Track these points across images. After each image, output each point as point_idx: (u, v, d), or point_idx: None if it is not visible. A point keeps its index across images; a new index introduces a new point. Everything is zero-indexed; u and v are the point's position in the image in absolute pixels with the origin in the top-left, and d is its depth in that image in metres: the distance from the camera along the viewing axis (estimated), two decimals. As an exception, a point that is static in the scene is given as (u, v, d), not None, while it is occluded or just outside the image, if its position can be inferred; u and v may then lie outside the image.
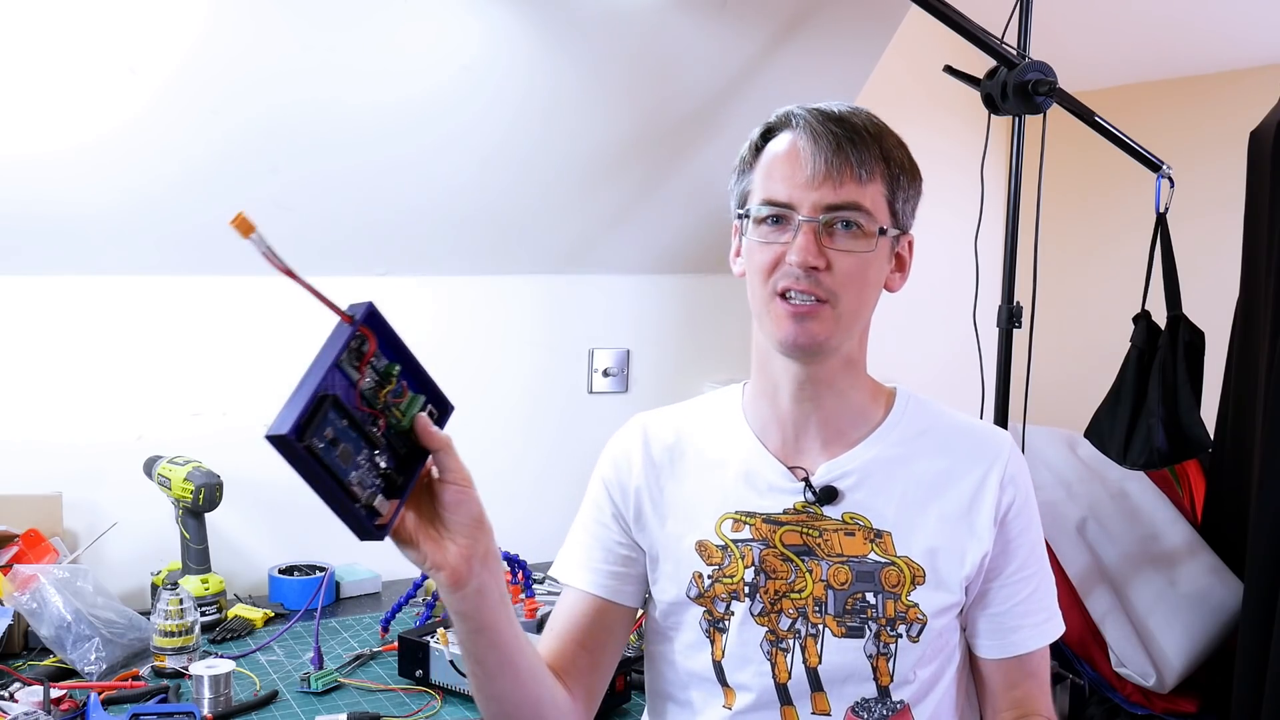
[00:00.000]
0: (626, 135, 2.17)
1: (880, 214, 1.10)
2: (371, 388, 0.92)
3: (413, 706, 1.59)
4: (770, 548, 1.15)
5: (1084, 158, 2.68)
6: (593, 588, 1.20)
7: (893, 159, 1.11)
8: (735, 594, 1.15)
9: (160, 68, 1.69)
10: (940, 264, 2.97)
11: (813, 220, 1.08)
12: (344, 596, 2.08)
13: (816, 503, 1.15)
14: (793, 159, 1.10)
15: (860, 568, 1.13)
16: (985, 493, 1.15)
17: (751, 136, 1.16)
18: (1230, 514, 2.25)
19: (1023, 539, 1.16)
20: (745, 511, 1.17)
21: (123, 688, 1.58)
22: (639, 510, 1.20)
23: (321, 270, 2.07)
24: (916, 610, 1.12)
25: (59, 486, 1.93)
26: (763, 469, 1.17)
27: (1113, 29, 2.77)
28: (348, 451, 0.89)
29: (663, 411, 1.27)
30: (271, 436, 0.85)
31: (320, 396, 0.87)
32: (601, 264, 2.42)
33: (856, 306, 1.11)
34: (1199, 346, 2.08)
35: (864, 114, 1.13)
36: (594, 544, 1.22)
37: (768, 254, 1.10)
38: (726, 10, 2.03)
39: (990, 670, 1.18)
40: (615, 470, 1.23)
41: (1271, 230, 1.99)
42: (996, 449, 1.17)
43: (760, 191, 1.12)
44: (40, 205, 1.78)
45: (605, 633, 1.20)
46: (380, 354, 0.92)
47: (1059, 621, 1.20)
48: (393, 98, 1.89)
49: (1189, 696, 2.18)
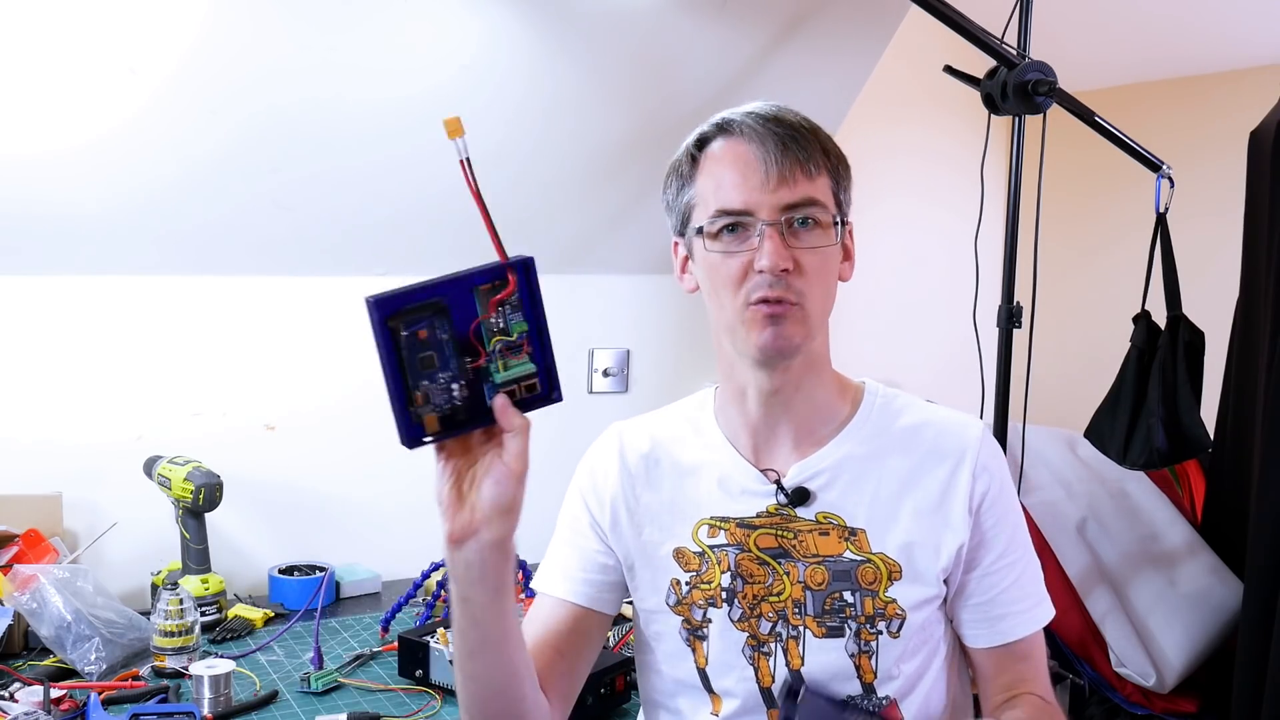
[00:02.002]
0: (626, 135, 2.17)
1: (831, 206, 1.10)
2: (491, 330, 0.92)
3: (413, 706, 1.59)
4: (745, 552, 1.15)
5: (1084, 158, 2.68)
6: (570, 595, 1.20)
7: (830, 151, 1.11)
8: (712, 600, 1.15)
9: (160, 68, 1.69)
10: (940, 264, 2.98)
11: (775, 223, 1.06)
12: (344, 596, 2.08)
13: (789, 504, 1.15)
14: (740, 164, 1.08)
15: (836, 567, 1.13)
16: (957, 483, 1.14)
17: (685, 146, 1.14)
18: (1230, 514, 2.25)
19: (1001, 527, 1.15)
20: (720, 517, 1.16)
21: (123, 688, 1.58)
22: (615, 519, 1.20)
23: (321, 270, 2.09)
24: (895, 606, 1.12)
25: (59, 486, 1.93)
26: (735, 473, 1.17)
27: (1113, 29, 2.77)
28: (430, 360, 0.89)
29: (638, 420, 1.26)
30: (367, 299, 0.87)
31: (429, 294, 0.88)
32: (601, 264, 2.42)
33: (823, 303, 1.11)
34: (1199, 346, 2.08)
35: (791, 110, 1.12)
36: (571, 553, 1.22)
37: (732, 266, 1.08)
38: (726, 10, 2.03)
39: (982, 658, 1.18)
40: (592, 481, 1.23)
41: (1271, 230, 1.99)
42: (967, 439, 1.16)
43: (711, 202, 1.10)
44: (40, 205, 1.78)
45: (582, 639, 1.20)
46: (516, 306, 0.92)
47: (1048, 606, 1.19)
48: (393, 97, 1.89)
49: (1189, 696, 2.18)
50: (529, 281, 0.93)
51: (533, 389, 0.94)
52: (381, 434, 2.16)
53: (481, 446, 0.94)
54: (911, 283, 3.05)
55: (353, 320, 2.11)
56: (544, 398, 0.95)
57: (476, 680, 1.04)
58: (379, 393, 0.89)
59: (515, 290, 0.92)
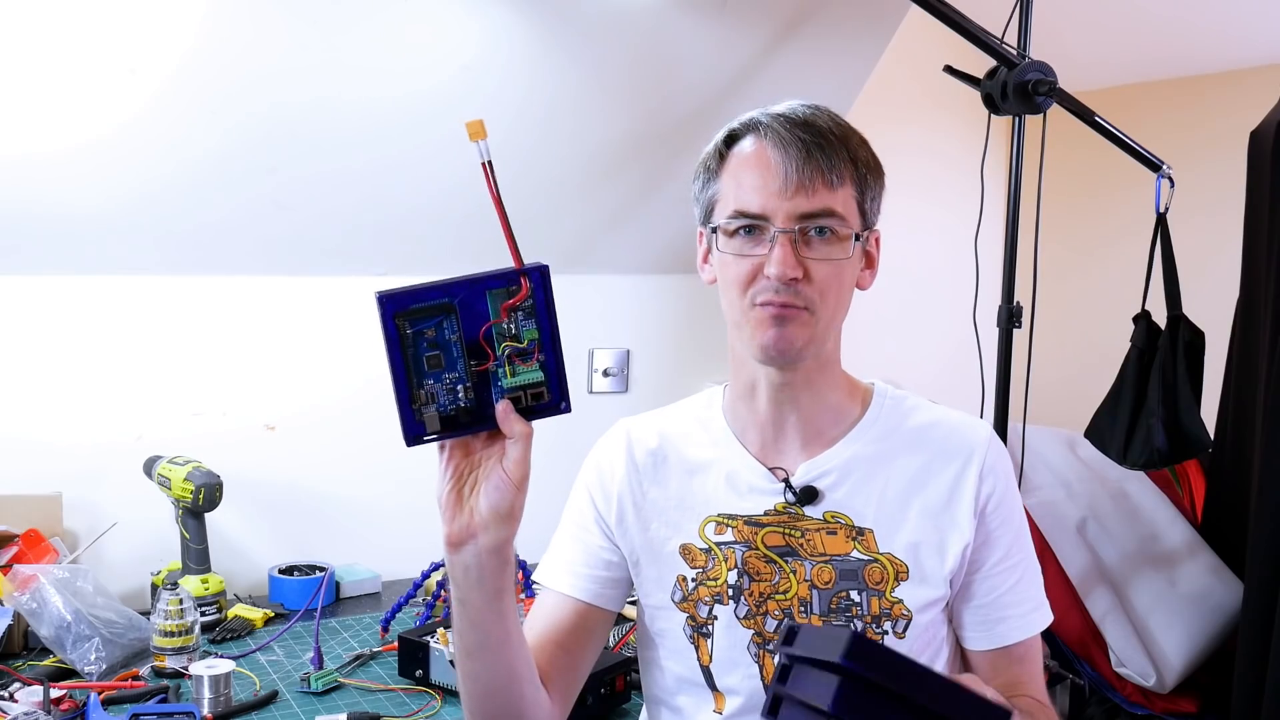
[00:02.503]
0: (626, 135, 2.17)
1: (852, 217, 1.10)
2: (502, 334, 0.92)
3: (413, 706, 1.59)
4: (752, 549, 1.15)
5: (1084, 158, 2.68)
6: (574, 591, 1.20)
7: (859, 159, 1.11)
8: (719, 597, 1.15)
9: (160, 68, 1.69)
10: (940, 264, 2.98)
11: (789, 231, 1.06)
12: (344, 596, 2.08)
13: (797, 503, 1.15)
14: (762, 167, 1.08)
15: (843, 566, 1.13)
16: (964, 485, 1.14)
17: (715, 141, 1.14)
18: (1230, 514, 2.25)
19: (1004, 529, 1.16)
20: (727, 514, 1.17)
21: (123, 688, 1.58)
22: (621, 515, 1.20)
23: (321, 270, 2.09)
24: (901, 606, 1.12)
25: (59, 486, 1.93)
26: (743, 471, 1.17)
27: (1113, 29, 2.77)
28: (437, 359, 0.90)
29: (646, 416, 1.27)
30: (377, 293, 0.87)
31: (440, 294, 0.88)
32: (601, 264, 2.42)
33: (834, 311, 1.11)
34: (1199, 346, 2.08)
35: (826, 114, 1.12)
36: (576, 548, 1.22)
37: (743, 267, 1.09)
38: (726, 10, 2.03)
39: (979, 660, 1.18)
40: (599, 476, 1.23)
41: (1271, 230, 1.99)
42: (975, 440, 1.17)
43: (730, 201, 1.10)
44: (40, 205, 1.78)
45: (585, 635, 1.20)
46: (529, 313, 0.92)
47: (1046, 611, 1.19)
48: (392, 97, 1.89)
49: (1189, 696, 2.18)
50: (544, 289, 0.93)
51: (539, 397, 0.94)
52: (381, 434, 2.17)
53: (484, 450, 0.94)
54: (911, 283, 3.05)
55: (353, 320, 2.12)
56: (552, 406, 0.95)
57: (476, 680, 1.05)
58: (379, 392, 0.89)
59: (529, 296, 0.92)
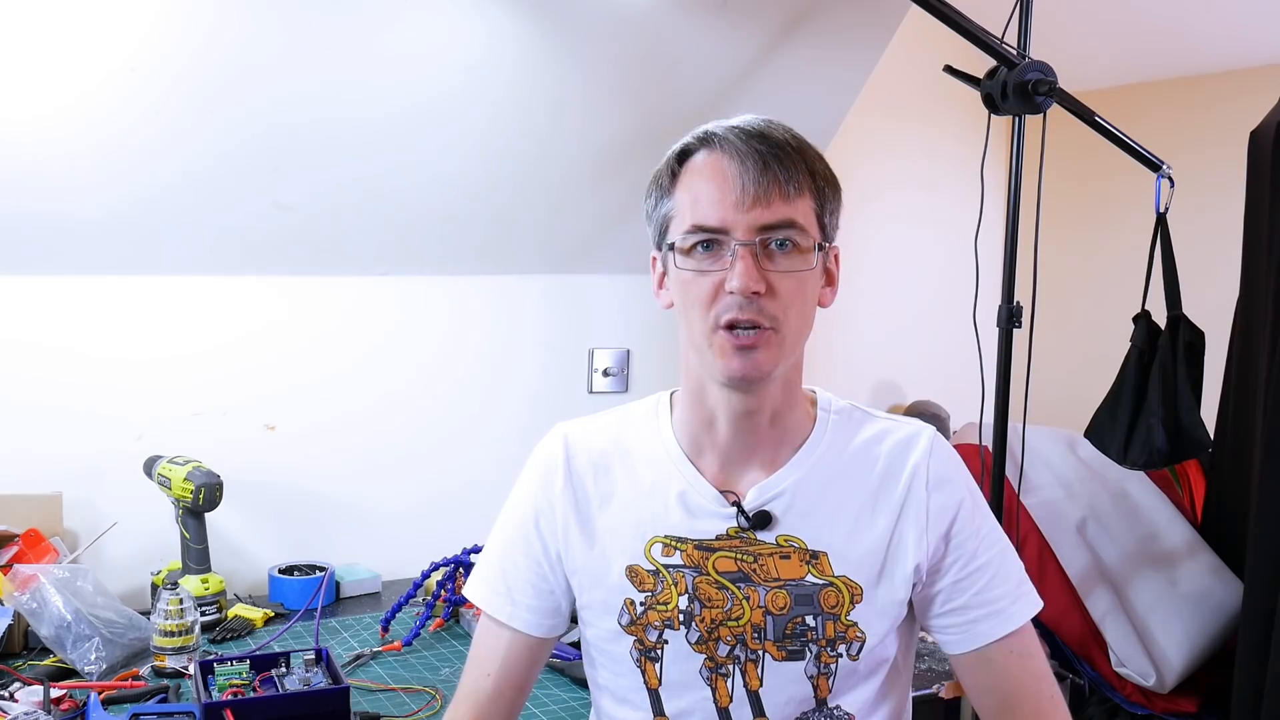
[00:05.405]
0: (628, 135, 2.17)
1: (811, 229, 1.07)
2: None
3: (413, 706, 1.59)
4: (703, 575, 1.11)
5: (1084, 158, 2.69)
6: (525, 627, 1.17)
7: (817, 172, 1.08)
8: (669, 622, 1.11)
9: (160, 68, 1.69)
10: (940, 264, 2.98)
11: (749, 243, 1.03)
12: (344, 596, 2.07)
13: (750, 528, 1.11)
14: (719, 180, 1.05)
15: (799, 591, 1.10)
16: (913, 497, 1.12)
17: (667, 157, 1.12)
18: (1230, 514, 2.25)
19: (965, 533, 1.12)
20: (676, 536, 1.13)
21: (123, 688, 1.58)
22: (566, 533, 1.16)
23: (321, 270, 2.09)
24: (856, 629, 1.10)
25: (59, 486, 1.93)
26: (692, 492, 1.13)
27: (1113, 29, 2.77)
28: None
29: (587, 424, 1.21)
30: None
31: None
32: (603, 264, 2.42)
33: (799, 328, 1.08)
34: (1199, 346, 2.08)
35: (780, 126, 1.09)
36: (519, 576, 1.18)
37: (704, 284, 1.05)
38: (727, 10, 2.03)
39: (965, 664, 1.14)
40: (545, 492, 1.18)
41: (1272, 230, 1.99)
42: (916, 453, 1.13)
43: (687, 217, 1.07)
44: (40, 205, 1.78)
45: (536, 666, 1.20)
46: None
47: (1027, 601, 1.14)
48: (395, 98, 1.89)
49: (1189, 696, 2.18)
50: None
51: None
52: (381, 434, 2.17)
53: None
54: (911, 282, 3.05)
55: (353, 320, 2.12)
56: None
57: None
58: (380, 393, 0.89)
59: None
